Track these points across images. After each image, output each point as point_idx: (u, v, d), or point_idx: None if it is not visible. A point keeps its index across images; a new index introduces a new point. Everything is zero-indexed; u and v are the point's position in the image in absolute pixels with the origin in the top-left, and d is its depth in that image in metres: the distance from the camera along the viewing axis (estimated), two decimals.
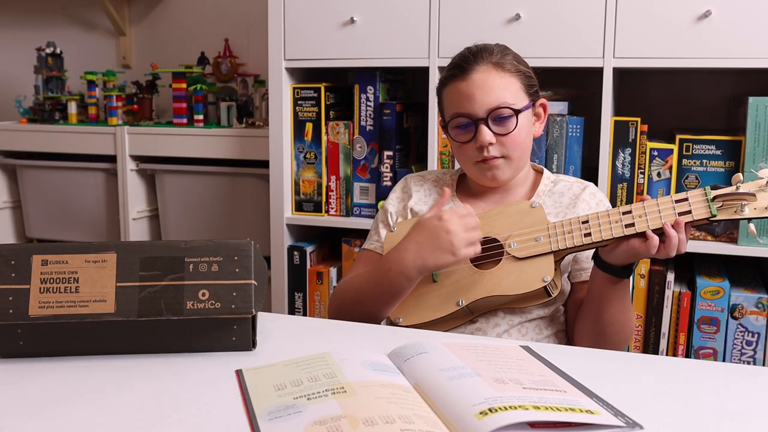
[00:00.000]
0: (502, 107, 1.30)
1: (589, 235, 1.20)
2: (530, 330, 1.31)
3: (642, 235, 1.16)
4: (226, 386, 0.89)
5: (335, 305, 1.37)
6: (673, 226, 1.15)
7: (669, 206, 1.17)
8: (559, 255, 1.24)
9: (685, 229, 1.16)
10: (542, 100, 1.40)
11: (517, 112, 1.31)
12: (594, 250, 1.24)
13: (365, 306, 1.30)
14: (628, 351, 1.87)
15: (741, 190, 1.15)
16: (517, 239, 1.25)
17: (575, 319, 1.33)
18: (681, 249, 1.16)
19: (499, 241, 1.27)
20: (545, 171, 1.43)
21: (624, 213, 1.18)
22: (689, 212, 1.16)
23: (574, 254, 1.33)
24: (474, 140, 1.32)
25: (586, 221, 1.21)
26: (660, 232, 1.16)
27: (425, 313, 1.28)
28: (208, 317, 0.97)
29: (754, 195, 1.14)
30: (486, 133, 1.30)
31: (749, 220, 1.16)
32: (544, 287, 1.21)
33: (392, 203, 1.47)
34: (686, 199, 1.17)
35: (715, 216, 1.15)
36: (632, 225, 1.17)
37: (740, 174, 1.16)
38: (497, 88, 1.31)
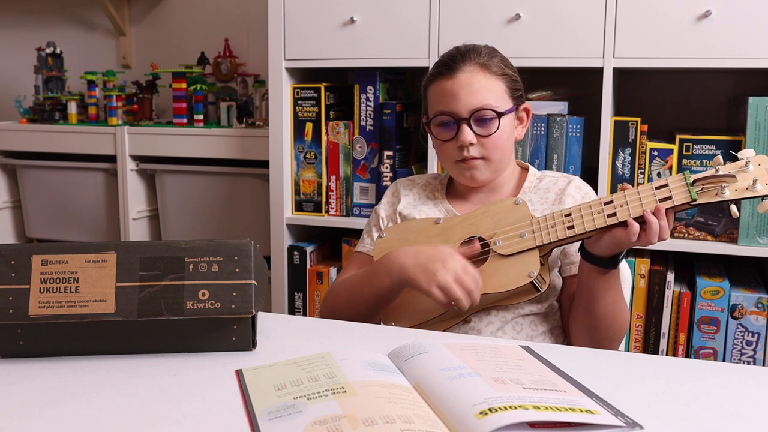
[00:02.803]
0: (485, 109, 1.31)
1: (572, 227, 1.20)
2: (525, 326, 1.31)
3: (625, 224, 1.17)
4: (226, 386, 0.89)
5: (328, 307, 1.38)
6: (653, 213, 1.15)
7: (649, 193, 1.17)
8: (544, 249, 1.24)
9: (666, 215, 1.16)
10: (526, 105, 1.41)
11: (500, 114, 1.32)
12: (580, 242, 1.25)
13: (355, 307, 1.31)
14: (628, 351, 1.87)
15: (721, 173, 1.15)
16: (502, 237, 1.26)
17: (569, 313, 1.33)
18: (663, 236, 1.16)
19: (485, 240, 1.27)
20: (530, 168, 1.44)
21: (605, 203, 1.19)
22: (670, 198, 1.16)
23: (562, 248, 1.33)
24: (455, 139, 1.33)
25: (569, 214, 1.21)
26: (641, 219, 1.16)
27: (417, 315, 1.28)
28: (208, 317, 0.97)
29: (734, 176, 1.14)
30: (467, 133, 1.31)
31: (730, 201, 1.15)
32: (531, 282, 1.22)
33: (383, 207, 1.48)
34: (666, 185, 1.17)
35: (695, 200, 1.15)
36: (614, 215, 1.17)
37: (720, 157, 1.16)
38: (482, 89, 1.32)
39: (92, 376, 0.92)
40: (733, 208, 1.17)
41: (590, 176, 1.85)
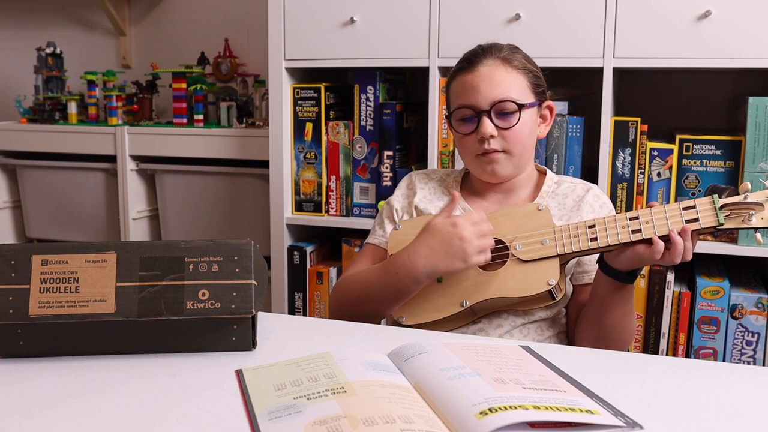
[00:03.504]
0: (506, 101, 1.30)
1: (595, 239, 1.20)
2: (532, 331, 1.31)
3: (648, 242, 1.16)
4: (226, 386, 0.89)
5: (338, 300, 1.36)
6: (679, 233, 1.15)
7: (677, 213, 1.17)
8: (564, 259, 1.24)
9: (691, 236, 1.16)
10: (549, 102, 1.40)
11: (520, 107, 1.31)
12: (599, 254, 1.24)
13: (370, 303, 1.29)
14: (628, 351, 1.87)
15: (749, 200, 1.15)
16: (522, 241, 1.25)
17: (576, 321, 1.33)
18: (686, 256, 1.16)
19: (504, 243, 1.27)
20: (548, 172, 1.43)
21: (631, 218, 1.18)
22: (696, 220, 1.16)
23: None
24: (476, 132, 1.32)
25: (593, 226, 1.21)
26: (666, 238, 1.15)
27: (429, 313, 1.28)
28: (208, 317, 0.97)
29: (761, 205, 1.14)
30: (488, 125, 1.30)
31: (756, 230, 1.15)
32: (549, 290, 1.21)
33: (397, 200, 1.46)
34: (694, 207, 1.16)
35: (722, 225, 1.15)
36: (639, 231, 1.17)
37: (748, 183, 1.16)
38: (503, 82, 1.31)
39: (92, 376, 0.92)
40: (758, 236, 1.17)
41: (590, 176, 1.85)
